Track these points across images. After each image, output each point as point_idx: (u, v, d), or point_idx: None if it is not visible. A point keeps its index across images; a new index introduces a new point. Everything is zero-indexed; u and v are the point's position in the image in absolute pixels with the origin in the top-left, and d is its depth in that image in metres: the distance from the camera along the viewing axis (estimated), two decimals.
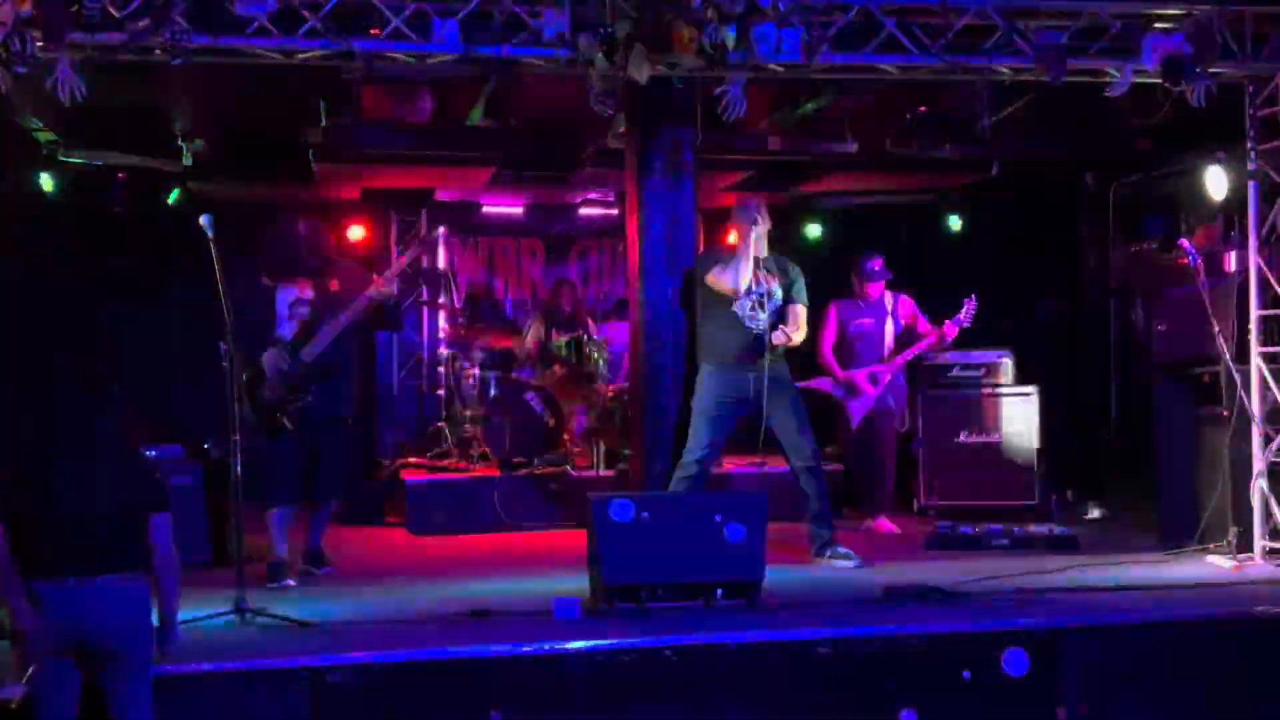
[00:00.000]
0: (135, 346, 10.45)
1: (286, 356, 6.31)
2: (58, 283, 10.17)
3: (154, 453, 6.94)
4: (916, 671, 5.03)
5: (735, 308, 6.74)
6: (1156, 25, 6.29)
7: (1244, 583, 6.12)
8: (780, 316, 6.84)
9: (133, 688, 4.05)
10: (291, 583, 6.28)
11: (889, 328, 8.44)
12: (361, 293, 6.43)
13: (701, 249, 7.18)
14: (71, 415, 4.06)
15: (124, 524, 4.06)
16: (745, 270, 6.72)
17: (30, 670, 4.00)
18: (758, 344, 6.69)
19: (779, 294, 6.82)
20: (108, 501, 4.03)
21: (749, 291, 6.73)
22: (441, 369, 10.39)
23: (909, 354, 8.40)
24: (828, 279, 9.72)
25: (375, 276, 6.58)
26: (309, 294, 6.48)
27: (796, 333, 6.85)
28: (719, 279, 6.77)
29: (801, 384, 8.59)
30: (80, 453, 4.04)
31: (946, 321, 8.27)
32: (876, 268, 8.44)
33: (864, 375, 8.32)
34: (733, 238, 6.93)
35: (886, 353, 8.42)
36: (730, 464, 8.82)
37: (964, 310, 8.28)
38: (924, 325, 8.46)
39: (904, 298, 8.55)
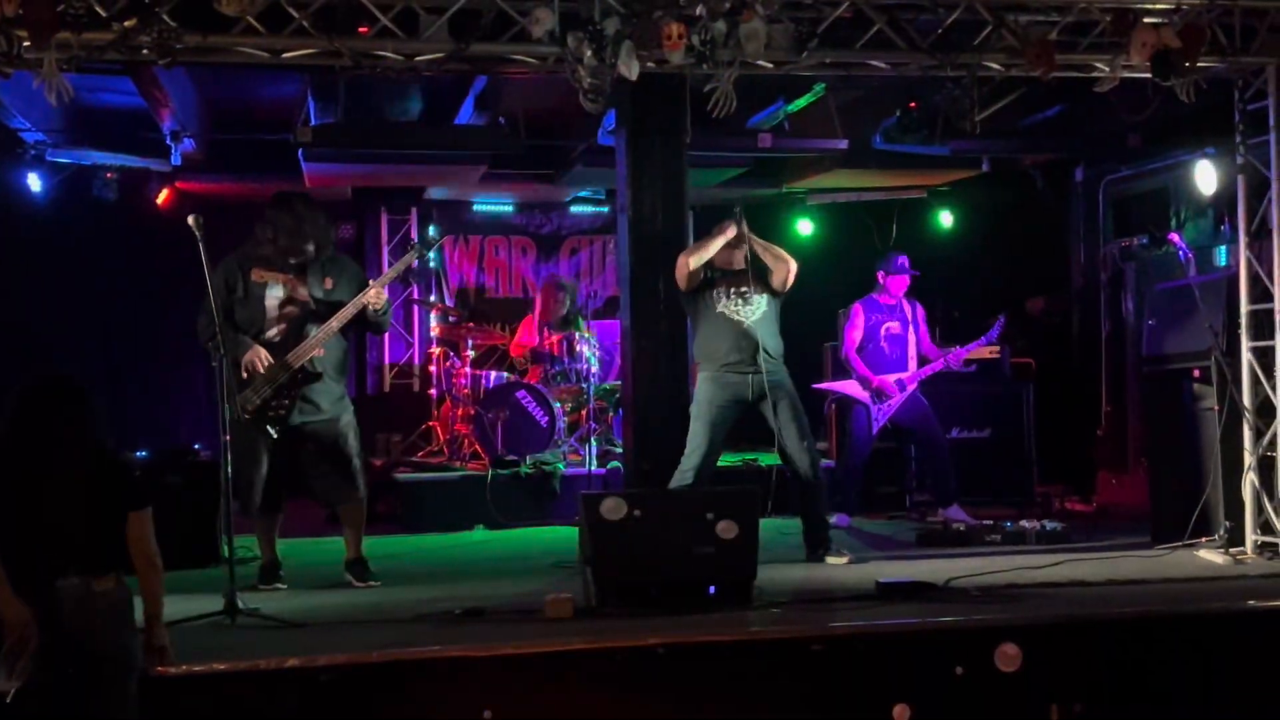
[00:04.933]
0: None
1: (272, 359, 6.05)
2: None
3: (144, 453, 6.92)
4: (910, 667, 5.02)
5: (721, 307, 6.72)
6: (1145, 20, 6.30)
7: (1236, 576, 6.13)
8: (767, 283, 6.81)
9: (115, 690, 3.99)
10: (282, 586, 6.23)
11: (911, 334, 8.43)
12: (355, 298, 6.13)
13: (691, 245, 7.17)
14: (46, 416, 4.01)
15: (101, 525, 4.00)
16: (706, 252, 6.70)
17: (24, 666, 3.96)
18: (752, 344, 6.68)
19: (763, 291, 6.79)
20: (87, 501, 3.98)
21: (731, 294, 6.73)
22: (433, 368, 10.38)
23: (938, 365, 8.38)
24: (818, 275, 9.75)
25: (370, 281, 6.31)
26: (301, 294, 6.18)
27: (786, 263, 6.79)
28: (683, 259, 6.76)
29: (824, 386, 8.63)
30: (56, 454, 3.99)
31: (981, 339, 8.44)
32: (903, 262, 8.40)
33: (893, 382, 8.30)
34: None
35: (911, 358, 8.40)
36: (722, 460, 8.81)
37: (994, 328, 8.40)
38: (925, 337, 8.48)
39: (920, 307, 8.55)
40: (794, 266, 6.82)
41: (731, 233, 6.73)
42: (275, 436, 6.08)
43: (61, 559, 3.92)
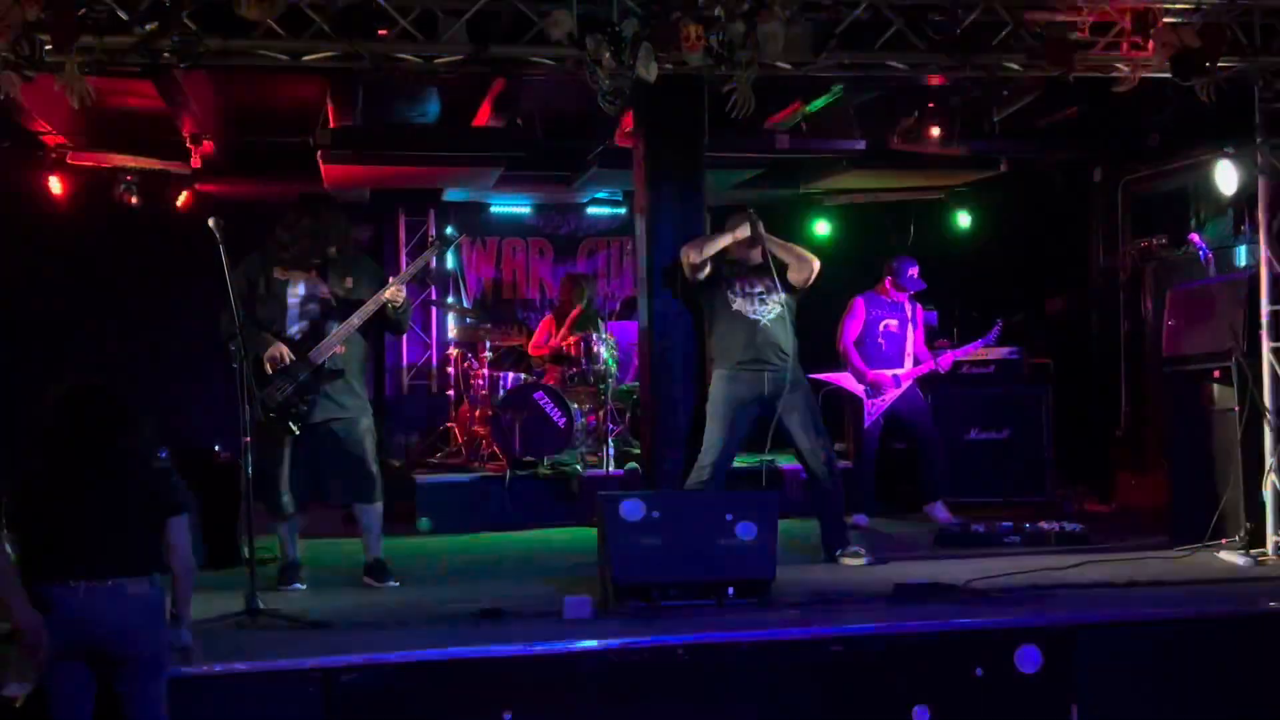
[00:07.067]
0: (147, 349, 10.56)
1: (292, 357, 6.10)
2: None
3: (163, 453, 6.94)
4: (929, 669, 5.02)
5: (737, 307, 6.75)
6: (1165, 20, 6.28)
7: (1257, 578, 6.10)
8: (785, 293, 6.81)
9: (147, 691, 4.03)
10: (301, 586, 6.25)
11: (910, 332, 8.43)
12: (375, 295, 6.17)
13: None
14: (88, 420, 4.02)
15: (139, 527, 4.03)
16: (711, 247, 6.75)
17: (34, 671, 3.98)
18: (767, 342, 6.69)
19: (779, 288, 6.80)
20: (124, 505, 4.00)
21: (747, 292, 6.75)
22: (450, 369, 10.40)
23: (928, 367, 8.37)
24: (835, 276, 9.74)
25: (390, 279, 6.32)
26: (323, 291, 6.24)
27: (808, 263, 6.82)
28: (686, 251, 6.80)
29: (821, 376, 8.63)
30: (97, 458, 4.00)
31: (979, 341, 8.46)
32: (914, 275, 8.42)
33: (889, 376, 8.30)
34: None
35: (908, 355, 8.38)
36: (740, 462, 8.80)
37: (992, 331, 8.38)
38: (920, 338, 8.46)
39: (920, 308, 8.54)
40: (816, 266, 6.83)
41: (743, 233, 6.75)
42: (297, 433, 6.11)
43: (98, 561, 3.94)
